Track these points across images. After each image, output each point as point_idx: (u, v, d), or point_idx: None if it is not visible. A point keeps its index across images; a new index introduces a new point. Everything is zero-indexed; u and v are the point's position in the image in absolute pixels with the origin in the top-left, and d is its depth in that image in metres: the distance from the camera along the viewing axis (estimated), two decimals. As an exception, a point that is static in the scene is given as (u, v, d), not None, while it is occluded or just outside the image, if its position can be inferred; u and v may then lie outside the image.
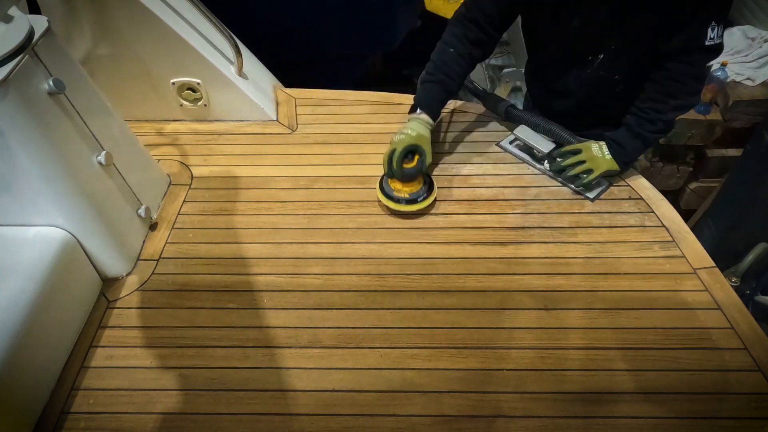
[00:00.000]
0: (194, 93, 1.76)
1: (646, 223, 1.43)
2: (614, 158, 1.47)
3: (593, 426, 1.05)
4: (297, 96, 1.91)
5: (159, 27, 1.60)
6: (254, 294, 1.29)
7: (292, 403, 1.09)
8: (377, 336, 1.20)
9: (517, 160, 1.64)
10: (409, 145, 1.40)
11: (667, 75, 1.35)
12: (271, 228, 1.45)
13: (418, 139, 1.40)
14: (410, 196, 1.42)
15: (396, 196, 1.42)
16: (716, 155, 2.70)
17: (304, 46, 2.65)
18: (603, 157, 1.48)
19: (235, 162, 1.67)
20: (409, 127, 1.43)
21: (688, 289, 1.27)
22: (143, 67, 1.69)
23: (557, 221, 1.45)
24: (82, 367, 1.16)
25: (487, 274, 1.32)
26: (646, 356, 1.15)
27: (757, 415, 1.05)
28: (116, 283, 1.32)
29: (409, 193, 1.42)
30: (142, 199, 1.41)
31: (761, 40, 2.61)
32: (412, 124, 1.44)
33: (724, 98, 2.56)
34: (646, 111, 1.41)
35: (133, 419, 1.07)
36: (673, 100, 1.37)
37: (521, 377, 1.12)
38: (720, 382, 1.10)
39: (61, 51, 1.19)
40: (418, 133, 1.41)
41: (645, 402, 1.07)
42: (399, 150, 1.38)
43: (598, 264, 1.34)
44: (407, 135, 1.40)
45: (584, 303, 1.25)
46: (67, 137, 1.18)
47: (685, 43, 1.29)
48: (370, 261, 1.36)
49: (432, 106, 1.48)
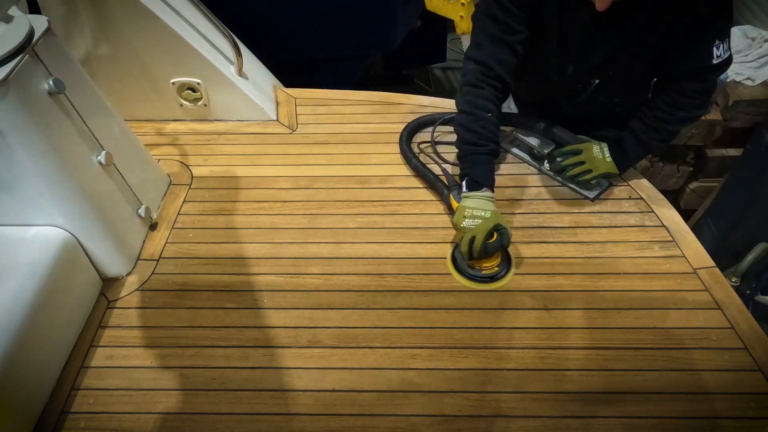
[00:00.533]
0: (194, 93, 1.76)
1: (646, 223, 1.43)
2: (614, 161, 1.47)
3: (593, 426, 1.04)
4: (297, 96, 1.91)
5: (159, 27, 1.60)
6: (254, 294, 1.29)
7: (292, 403, 1.09)
8: (377, 336, 1.20)
9: (517, 160, 1.64)
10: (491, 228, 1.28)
11: (678, 90, 1.36)
12: (271, 228, 1.45)
13: (495, 219, 1.29)
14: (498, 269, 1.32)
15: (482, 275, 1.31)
16: (716, 155, 2.70)
17: (305, 45, 2.65)
18: (603, 159, 1.48)
19: (235, 162, 1.67)
20: (481, 209, 1.30)
21: (688, 288, 1.27)
22: (143, 66, 1.70)
23: (557, 221, 1.45)
24: (82, 366, 1.16)
25: (487, 273, 1.32)
26: (646, 356, 1.15)
27: (757, 415, 1.05)
28: (116, 282, 1.32)
29: (497, 266, 1.32)
30: (142, 199, 1.41)
31: (761, 40, 2.61)
32: (481, 204, 1.31)
33: (724, 98, 2.56)
34: (654, 120, 1.41)
35: (133, 419, 1.07)
36: (682, 112, 1.38)
37: (521, 377, 1.12)
38: (720, 382, 1.10)
39: (61, 51, 1.19)
40: (492, 212, 1.30)
41: (645, 402, 1.07)
42: (480, 237, 1.26)
43: (598, 264, 1.34)
44: (484, 219, 1.28)
45: (584, 303, 1.25)
46: (67, 137, 1.18)
47: (693, 65, 1.30)
48: (370, 261, 1.36)
49: (492, 179, 1.37)
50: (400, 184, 1.57)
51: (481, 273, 1.31)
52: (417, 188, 1.55)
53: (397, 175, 1.59)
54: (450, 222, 1.45)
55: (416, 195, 1.53)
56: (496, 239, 1.28)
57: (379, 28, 2.65)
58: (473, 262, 1.31)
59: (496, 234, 1.28)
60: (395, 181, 1.58)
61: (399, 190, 1.55)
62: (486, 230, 1.27)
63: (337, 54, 2.73)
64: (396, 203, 1.51)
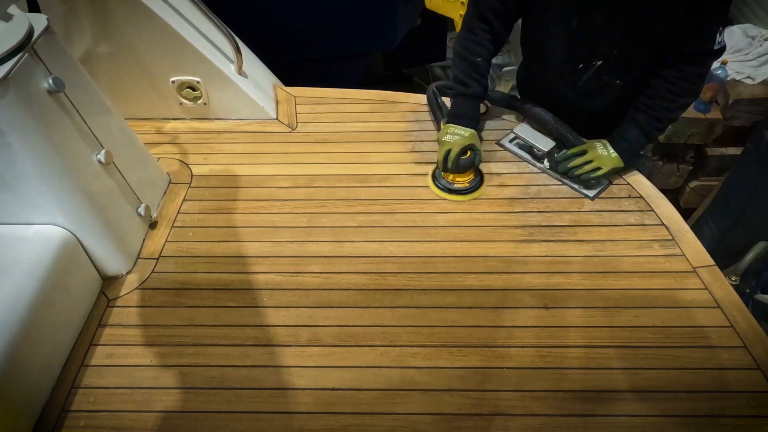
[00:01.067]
0: (194, 91, 1.76)
1: (645, 222, 1.43)
2: (620, 155, 1.49)
3: (593, 424, 1.05)
4: (297, 94, 1.91)
5: (159, 25, 1.60)
6: (254, 292, 1.29)
7: (292, 402, 1.09)
8: (377, 334, 1.20)
9: (517, 158, 1.64)
10: (466, 146, 1.50)
11: (680, 75, 1.37)
12: (270, 226, 1.45)
13: (471, 139, 1.52)
14: (469, 185, 1.53)
15: (455, 187, 1.52)
16: (716, 154, 2.70)
17: (305, 44, 2.65)
18: (609, 155, 1.49)
19: (235, 160, 1.67)
20: (462, 129, 1.53)
21: (688, 287, 1.28)
22: (143, 65, 1.69)
23: (557, 220, 1.45)
24: (82, 365, 1.16)
25: (486, 272, 1.32)
26: (646, 354, 1.15)
27: (757, 413, 1.05)
28: (116, 281, 1.32)
29: (468, 182, 1.53)
30: (141, 198, 1.41)
31: (761, 39, 2.61)
32: (459, 128, 1.53)
33: (724, 97, 2.56)
34: (657, 109, 1.42)
35: (133, 417, 1.07)
36: (682, 98, 1.40)
37: (521, 375, 1.12)
38: (719, 380, 1.10)
39: (61, 49, 1.19)
40: (471, 133, 1.52)
41: (644, 400, 1.07)
42: (455, 150, 1.49)
43: (598, 262, 1.34)
44: (461, 136, 1.51)
45: (584, 301, 1.25)
46: (66, 136, 1.18)
47: (697, 48, 1.32)
48: (369, 259, 1.36)
49: (475, 119, 1.59)
50: (400, 183, 1.57)
51: (453, 186, 1.52)
52: (417, 187, 1.55)
53: (397, 173, 1.59)
54: (450, 220, 1.45)
55: (416, 193, 1.53)
56: (469, 156, 1.50)
57: (379, 27, 2.65)
58: (448, 175, 1.52)
59: (470, 152, 1.50)
60: (395, 179, 1.58)
61: (399, 188, 1.55)
62: (461, 145, 1.49)
63: (337, 53, 2.73)
64: (396, 202, 1.51)
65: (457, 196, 1.51)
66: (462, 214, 1.47)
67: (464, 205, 1.49)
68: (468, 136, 1.51)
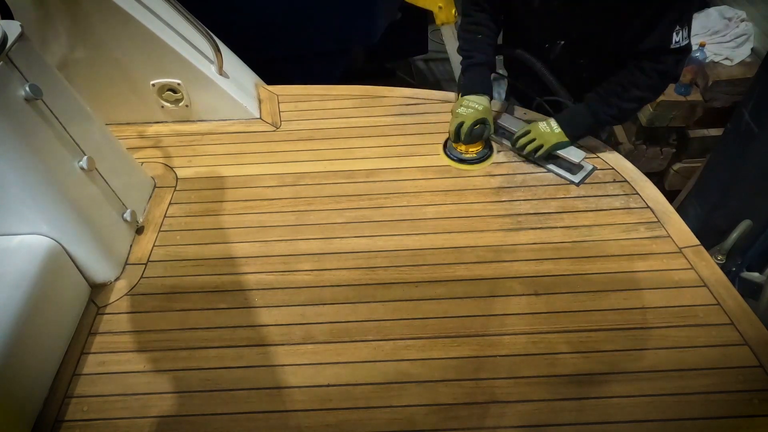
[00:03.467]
0: (175, 94, 1.74)
1: (631, 205, 1.45)
2: (563, 130, 1.52)
3: (587, 407, 1.06)
4: (279, 93, 1.90)
5: (135, 28, 1.58)
6: (245, 293, 1.29)
7: (288, 400, 1.09)
8: (370, 329, 1.20)
9: (502, 147, 1.65)
10: (478, 119, 1.54)
11: (638, 66, 1.40)
12: (259, 226, 1.45)
13: (484, 113, 1.56)
14: (477, 155, 1.61)
15: (465, 157, 1.60)
16: (698, 136, 2.74)
17: (285, 42, 2.63)
18: (551, 131, 1.53)
19: (219, 162, 1.65)
20: (475, 102, 1.56)
21: (675, 268, 1.29)
22: (122, 69, 1.67)
23: (544, 207, 1.46)
24: (74, 374, 1.15)
25: (476, 262, 1.33)
26: (636, 336, 1.16)
27: (745, 388, 1.07)
28: (105, 288, 1.31)
29: (476, 153, 1.61)
30: (127, 203, 1.40)
31: (738, 20, 2.64)
32: (478, 99, 1.56)
33: (703, 78, 2.59)
34: (608, 92, 1.46)
35: (129, 424, 1.07)
36: (636, 90, 1.42)
37: (514, 363, 1.13)
38: (709, 357, 1.12)
39: (37, 56, 1.17)
40: (484, 107, 1.56)
41: (637, 381, 1.09)
42: (468, 123, 1.53)
43: (586, 247, 1.35)
44: (475, 109, 1.55)
45: (573, 286, 1.26)
46: (46, 143, 1.16)
47: (652, 46, 1.35)
48: (359, 255, 1.36)
49: (485, 86, 1.60)
50: (387, 177, 1.57)
51: (463, 156, 1.60)
52: (404, 180, 1.56)
53: (383, 168, 1.59)
54: (438, 212, 1.46)
55: (403, 187, 1.53)
56: (479, 128, 1.54)
57: (358, 21, 2.64)
58: (460, 146, 1.59)
59: (480, 125, 1.54)
60: (381, 174, 1.58)
61: (386, 183, 1.55)
62: (474, 118, 1.53)
63: (318, 49, 2.71)
64: (383, 196, 1.51)
65: (468, 165, 1.59)
66: (450, 206, 1.47)
67: (451, 196, 1.50)
68: (481, 110, 1.55)
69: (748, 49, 2.61)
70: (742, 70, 2.55)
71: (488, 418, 1.05)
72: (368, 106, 1.82)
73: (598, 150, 1.60)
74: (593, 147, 1.61)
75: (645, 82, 1.41)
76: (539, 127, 1.55)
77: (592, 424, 1.04)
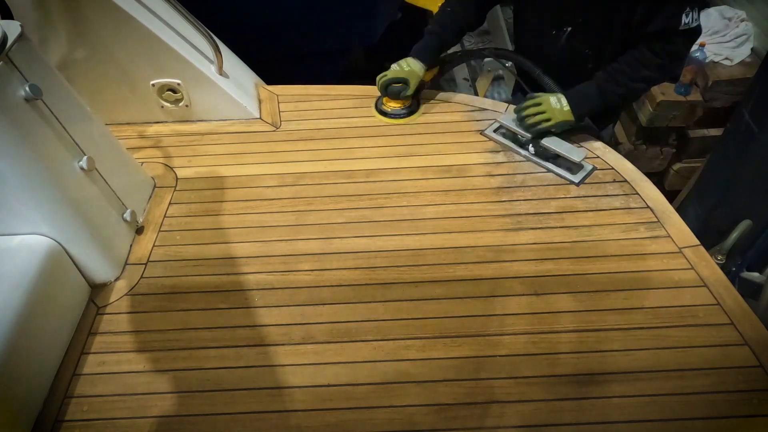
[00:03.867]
0: (175, 94, 1.74)
1: (631, 205, 1.45)
2: (571, 108, 1.52)
3: (587, 407, 1.06)
4: (279, 93, 1.90)
5: (135, 28, 1.58)
6: (245, 293, 1.29)
7: (288, 400, 1.09)
8: (370, 329, 1.20)
9: (502, 147, 1.65)
10: (399, 77, 1.68)
11: (648, 47, 1.42)
12: (259, 226, 1.45)
13: (408, 74, 1.68)
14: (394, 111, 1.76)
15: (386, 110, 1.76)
16: (698, 136, 2.74)
17: (285, 42, 2.63)
18: (561, 108, 1.53)
19: (219, 162, 1.65)
20: (407, 63, 1.70)
21: (675, 268, 1.29)
22: (121, 69, 1.67)
23: (544, 207, 1.46)
24: (75, 374, 1.15)
25: (476, 262, 1.33)
26: (636, 336, 1.16)
27: (745, 388, 1.07)
28: (105, 288, 1.31)
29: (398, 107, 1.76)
30: (127, 203, 1.40)
31: (737, 20, 2.64)
32: (409, 61, 1.70)
33: (703, 79, 2.59)
34: (618, 72, 1.47)
35: (129, 424, 1.07)
36: (645, 69, 1.44)
37: (514, 363, 1.13)
38: (709, 357, 1.12)
39: (37, 56, 1.17)
40: (411, 69, 1.69)
41: (637, 381, 1.09)
42: (388, 76, 1.69)
43: (586, 247, 1.35)
44: (401, 69, 1.69)
45: (573, 286, 1.26)
46: (47, 143, 1.16)
47: (661, 27, 1.36)
48: (359, 255, 1.36)
49: (425, 54, 1.72)
50: (387, 177, 1.57)
51: (385, 109, 1.76)
52: (403, 180, 1.56)
53: (383, 168, 1.59)
54: (438, 212, 1.46)
55: (403, 187, 1.53)
56: (399, 87, 1.69)
57: (358, 21, 2.64)
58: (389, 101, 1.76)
59: (402, 85, 1.69)
60: (381, 174, 1.58)
61: (385, 183, 1.55)
62: (395, 74, 1.69)
63: (318, 49, 2.71)
64: (383, 196, 1.51)
65: (389, 119, 1.75)
66: (450, 206, 1.47)
67: (451, 196, 1.50)
68: (407, 71, 1.68)
69: (748, 49, 2.61)
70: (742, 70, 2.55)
71: (488, 418, 1.05)
72: (368, 107, 1.82)
73: (598, 150, 1.61)
74: (593, 147, 1.61)
75: (653, 61, 1.42)
76: (550, 101, 1.55)
77: (592, 424, 1.04)
